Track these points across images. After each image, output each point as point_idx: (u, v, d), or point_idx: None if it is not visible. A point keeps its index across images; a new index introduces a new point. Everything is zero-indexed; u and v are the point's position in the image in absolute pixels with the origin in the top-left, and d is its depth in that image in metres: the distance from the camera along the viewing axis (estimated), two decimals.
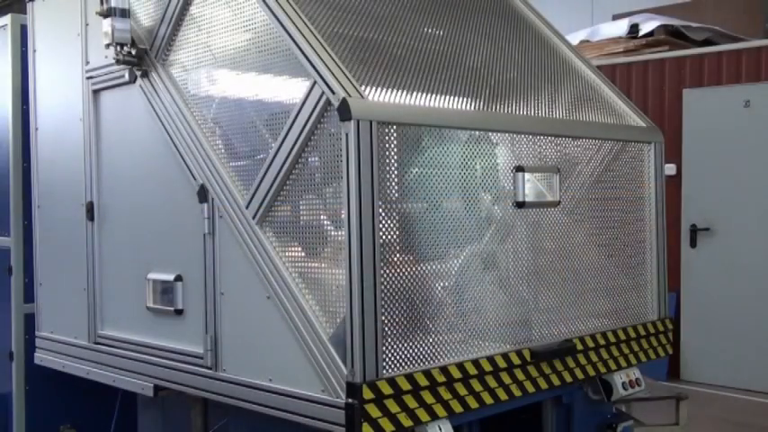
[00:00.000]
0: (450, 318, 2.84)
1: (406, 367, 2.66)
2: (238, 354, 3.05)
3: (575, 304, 3.39)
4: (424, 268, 2.76)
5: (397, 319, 2.66)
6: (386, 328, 2.61)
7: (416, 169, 2.77)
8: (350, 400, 2.57)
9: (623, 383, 3.45)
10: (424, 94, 2.92)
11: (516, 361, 3.03)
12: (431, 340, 2.77)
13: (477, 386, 2.88)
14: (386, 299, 2.61)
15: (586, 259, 3.46)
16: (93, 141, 3.74)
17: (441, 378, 2.74)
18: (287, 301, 2.80)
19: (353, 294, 2.54)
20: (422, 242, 2.77)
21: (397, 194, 2.72)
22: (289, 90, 2.85)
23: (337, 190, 2.61)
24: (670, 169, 7.28)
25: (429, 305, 2.78)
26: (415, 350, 2.71)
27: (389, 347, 2.63)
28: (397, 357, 2.65)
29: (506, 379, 2.99)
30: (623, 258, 3.64)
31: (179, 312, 3.30)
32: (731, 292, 6.84)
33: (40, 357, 4.12)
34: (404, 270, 2.69)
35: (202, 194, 3.13)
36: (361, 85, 2.68)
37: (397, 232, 2.69)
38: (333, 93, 2.60)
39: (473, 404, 2.85)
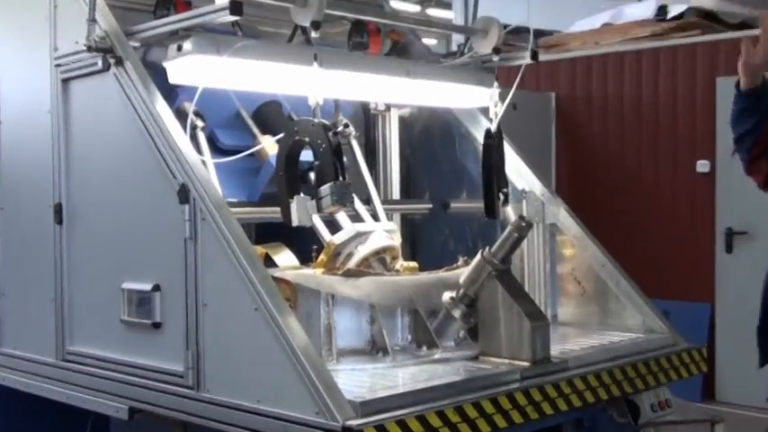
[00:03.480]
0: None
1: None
2: (223, 372, 3.04)
3: None
4: None
5: None
6: None
7: None
8: (348, 423, 2.57)
9: (652, 405, 3.45)
10: None
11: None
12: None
13: (489, 408, 2.88)
14: None
15: None
16: (63, 136, 3.73)
17: None
18: (277, 314, 2.80)
19: None
20: None
21: None
22: None
23: None
24: (703, 166, 7.28)
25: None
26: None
27: None
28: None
29: (521, 400, 2.99)
30: None
31: (157, 326, 3.29)
32: None
33: (2, 376, 4.11)
34: None
35: (183, 194, 3.13)
36: None
37: None
38: None
39: (485, 428, 2.85)
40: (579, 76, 7.99)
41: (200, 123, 3.70)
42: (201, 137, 3.69)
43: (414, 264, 3.66)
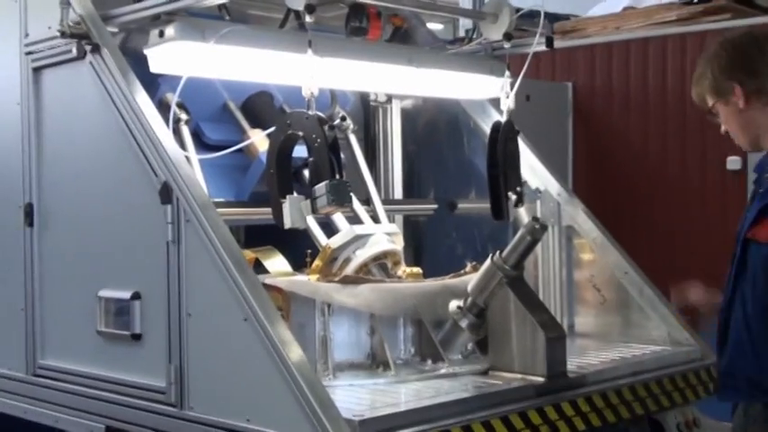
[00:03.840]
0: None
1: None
2: (209, 388, 3.05)
3: None
4: None
5: None
6: None
7: None
8: None
9: (678, 424, 3.46)
10: None
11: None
12: None
13: (499, 427, 2.89)
14: None
15: None
16: (33, 130, 3.74)
17: None
18: (268, 325, 2.81)
19: None
20: None
21: None
22: None
23: None
24: (734, 163, 7.28)
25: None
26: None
27: None
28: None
29: (535, 419, 3.00)
30: None
31: (137, 337, 3.30)
32: None
33: None
34: None
35: (165, 194, 3.14)
36: None
37: None
38: None
39: None
40: (599, 64, 7.99)
41: (183, 116, 3.71)
42: (185, 131, 3.71)
43: (417, 270, 3.67)
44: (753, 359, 2.85)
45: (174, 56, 3.32)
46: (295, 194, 3.31)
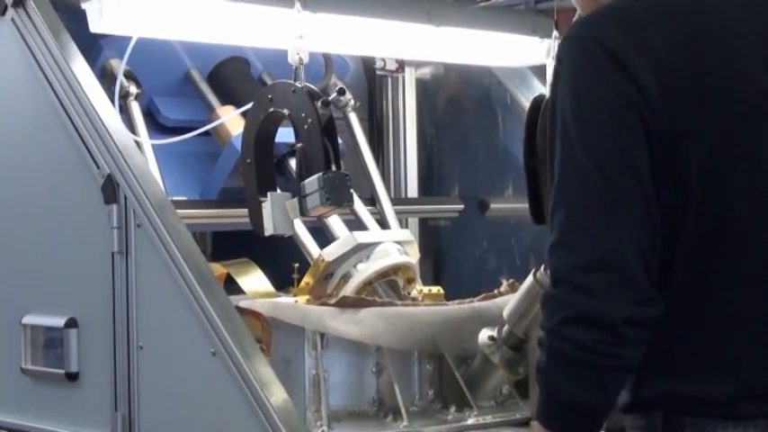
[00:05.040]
0: None
1: None
2: None
3: None
4: None
5: None
6: None
7: None
8: None
9: None
10: None
11: None
12: None
13: None
14: None
15: None
16: None
17: None
18: (243, 361, 2.81)
19: None
20: None
21: None
22: None
23: None
24: None
25: None
26: None
27: None
28: None
29: None
30: None
31: (73, 377, 3.30)
32: None
33: None
34: None
35: (109, 190, 3.14)
36: None
37: None
38: None
39: None
40: None
41: (133, 89, 3.71)
42: (135, 108, 3.71)
43: (438, 289, 3.66)
44: None
45: (121, 11, 3.31)
46: (279, 191, 3.31)
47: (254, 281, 3.64)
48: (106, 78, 3.48)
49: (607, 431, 2.00)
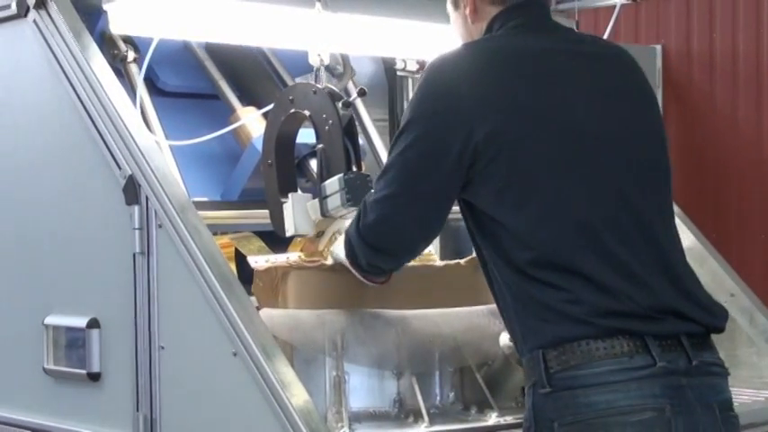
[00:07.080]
0: None
1: None
2: None
3: None
4: None
5: None
6: None
7: None
8: None
9: None
10: None
11: None
12: None
13: None
14: None
15: None
16: None
17: None
18: (265, 361, 2.82)
19: None
20: None
21: None
22: None
23: None
24: None
25: None
26: None
27: None
28: None
29: None
30: None
31: (95, 377, 3.32)
32: None
33: None
34: None
35: (131, 192, 3.16)
36: None
37: None
38: None
39: None
40: (696, 22, 7.97)
41: (131, 54, 3.79)
42: (135, 71, 3.76)
43: (428, 252, 3.64)
44: None
45: (142, 12, 3.34)
46: (300, 192, 3.32)
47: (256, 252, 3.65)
48: (106, 44, 3.51)
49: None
